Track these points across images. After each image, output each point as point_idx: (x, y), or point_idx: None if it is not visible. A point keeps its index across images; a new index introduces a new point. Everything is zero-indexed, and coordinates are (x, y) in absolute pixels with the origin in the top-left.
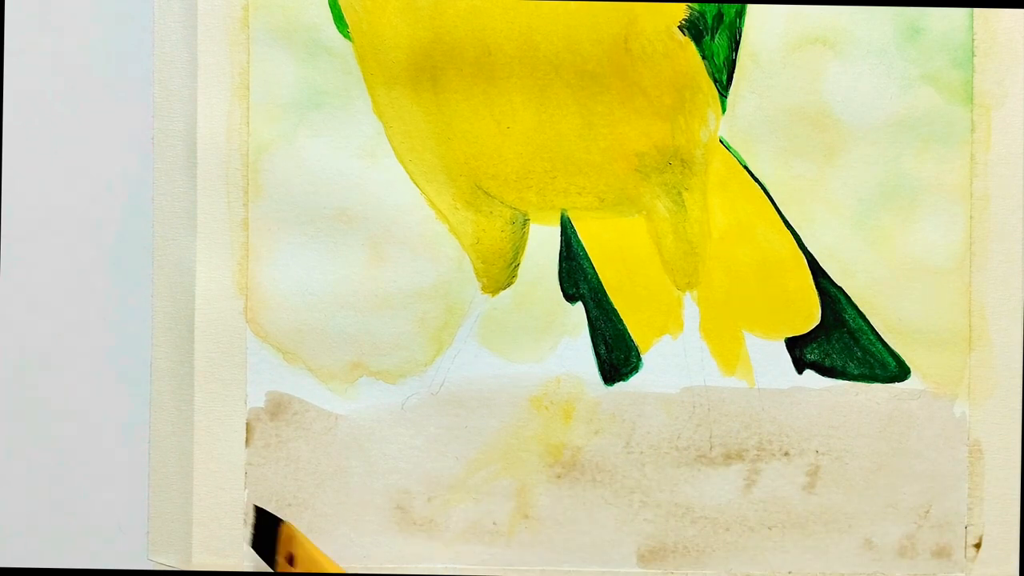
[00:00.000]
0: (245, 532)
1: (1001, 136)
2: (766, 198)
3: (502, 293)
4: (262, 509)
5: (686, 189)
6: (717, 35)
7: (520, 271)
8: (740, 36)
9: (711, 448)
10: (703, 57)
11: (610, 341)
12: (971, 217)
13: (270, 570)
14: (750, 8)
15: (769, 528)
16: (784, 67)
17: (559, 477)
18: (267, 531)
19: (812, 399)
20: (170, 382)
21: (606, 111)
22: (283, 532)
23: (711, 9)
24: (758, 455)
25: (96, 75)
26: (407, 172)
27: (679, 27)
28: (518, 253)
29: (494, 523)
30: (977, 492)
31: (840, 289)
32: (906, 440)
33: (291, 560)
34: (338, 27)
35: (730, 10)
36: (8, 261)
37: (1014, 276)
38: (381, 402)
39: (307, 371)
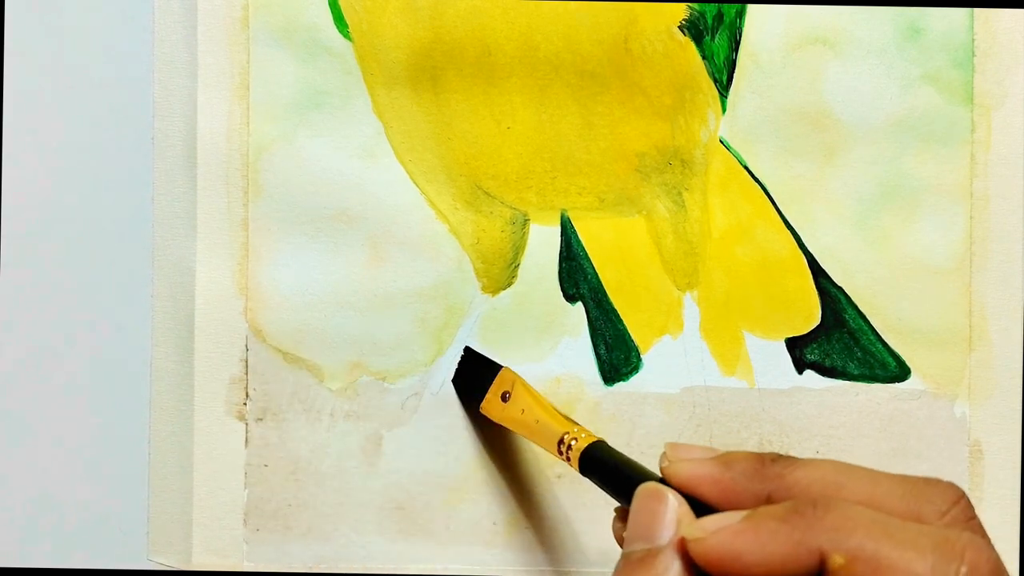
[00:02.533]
0: (246, 532)
1: (1001, 136)
2: (766, 198)
3: (502, 293)
4: (473, 350)
5: (686, 189)
6: (717, 35)
7: (520, 271)
8: (740, 36)
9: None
10: (703, 57)
11: (610, 341)
12: (971, 217)
13: (277, 569)
14: (750, 8)
15: None
16: (784, 67)
17: (559, 477)
18: (480, 371)
19: (812, 399)
20: (170, 382)
21: (606, 111)
22: (503, 374)
23: (711, 9)
24: None
25: (96, 75)
26: (407, 172)
27: (679, 27)
28: (518, 253)
29: (494, 523)
30: (977, 492)
31: (840, 289)
32: (906, 440)
33: (505, 397)
34: (338, 27)
35: (730, 10)
36: (8, 261)
37: (1014, 276)
38: (381, 402)
39: (307, 371)
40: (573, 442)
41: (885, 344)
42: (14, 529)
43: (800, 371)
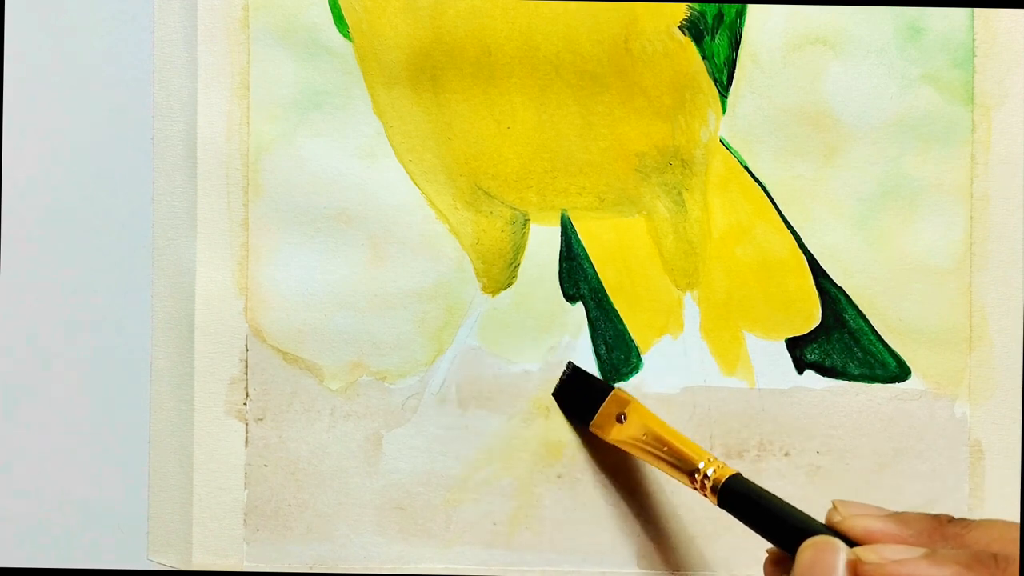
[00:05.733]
0: (246, 532)
1: (1001, 136)
2: (766, 198)
3: (502, 293)
4: (579, 368)
5: (686, 189)
6: (717, 35)
7: (520, 271)
8: (740, 36)
9: (711, 448)
10: (703, 57)
11: (610, 341)
12: (971, 217)
13: (277, 569)
14: (750, 8)
15: None
16: (784, 67)
17: (559, 477)
18: (587, 389)
19: (812, 399)
20: (170, 382)
21: (606, 111)
22: (617, 395)
23: (711, 9)
24: (758, 455)
25: (96, 75)
26: (407, 172)
27: (679, 27)
28: (518, 253)
29: (494, 523)
30: (978, 492)
31: (840, 289)
32: (907, 440)
33: (621, 419)
34: (338, 27)
35: (730, 10)
36: (8, 261)
37: (1014, 276)
38: (381, 402)
39: (307, 371)
40: (710, 472)
41: (885, 344)
42: (14, 529)
43: (800, 371)
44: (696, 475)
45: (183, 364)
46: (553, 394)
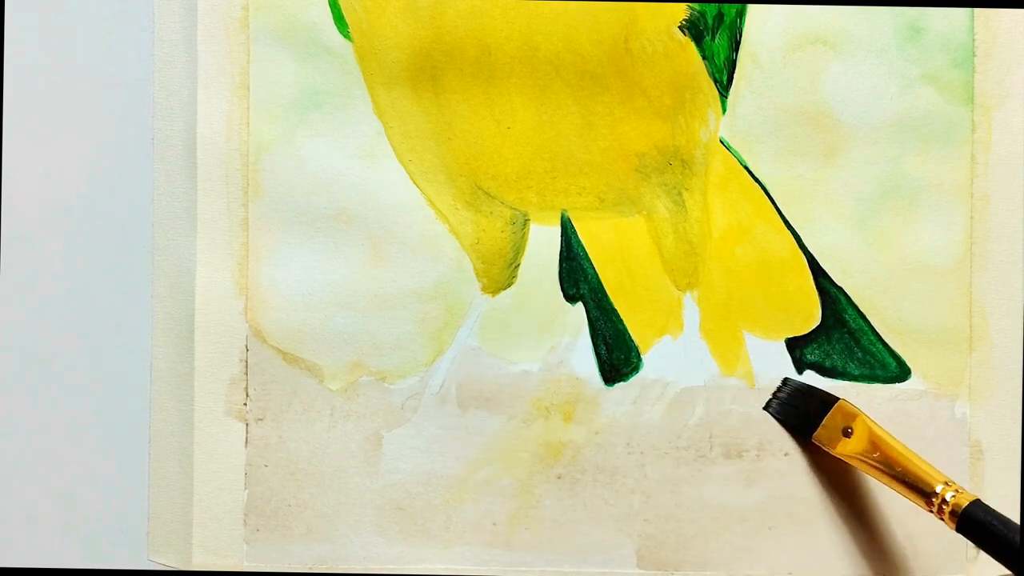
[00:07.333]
0: (246, 532)
1: (1001, 136)
2: (766, 198)
3: (502, 293)
4: (798, 383)
5: (686, 189)
6: (717, 35)
7: (520, 271)
8: (740, 36)
9: (711, 448)
10: (703, 57)
11: (610, 341)
12: (971, 217)
13: (277, 569)
14: (750, 8)
15: (769, 528)
16: (784, 67)
17: (559, 477)
18: (811, 402)
19: None
20: (170, 382)
21: (606, 111)
22: (842, 407)
23: (711, 9)
24: (758, 455)
25: (96, 75)
26: (407, 172)
27: (679, 27)
28: (518, 253)
29: (494, 523)
30: (977, 492)
31: (840, 289)
32: (906, 440)
33: (848, 432)
34: (338, 27)
35: (730, 10)
36: (8, 261)
37: (1014, 276)
38: (381, 402)
39: (307, 371)
40: (949, 496)
41: (885, 344)
42: (14, 529)
43: (800, 371)
44: (934, 499)
45: (183, 364)
46: (764, 407)
